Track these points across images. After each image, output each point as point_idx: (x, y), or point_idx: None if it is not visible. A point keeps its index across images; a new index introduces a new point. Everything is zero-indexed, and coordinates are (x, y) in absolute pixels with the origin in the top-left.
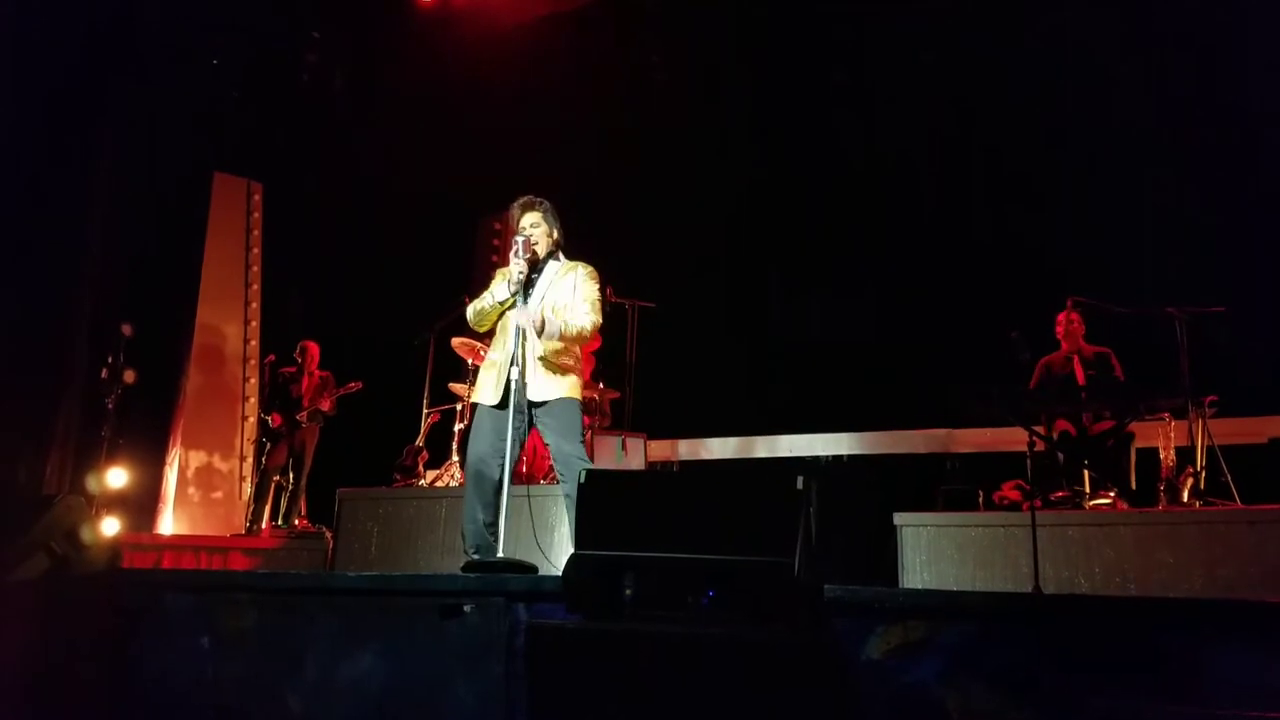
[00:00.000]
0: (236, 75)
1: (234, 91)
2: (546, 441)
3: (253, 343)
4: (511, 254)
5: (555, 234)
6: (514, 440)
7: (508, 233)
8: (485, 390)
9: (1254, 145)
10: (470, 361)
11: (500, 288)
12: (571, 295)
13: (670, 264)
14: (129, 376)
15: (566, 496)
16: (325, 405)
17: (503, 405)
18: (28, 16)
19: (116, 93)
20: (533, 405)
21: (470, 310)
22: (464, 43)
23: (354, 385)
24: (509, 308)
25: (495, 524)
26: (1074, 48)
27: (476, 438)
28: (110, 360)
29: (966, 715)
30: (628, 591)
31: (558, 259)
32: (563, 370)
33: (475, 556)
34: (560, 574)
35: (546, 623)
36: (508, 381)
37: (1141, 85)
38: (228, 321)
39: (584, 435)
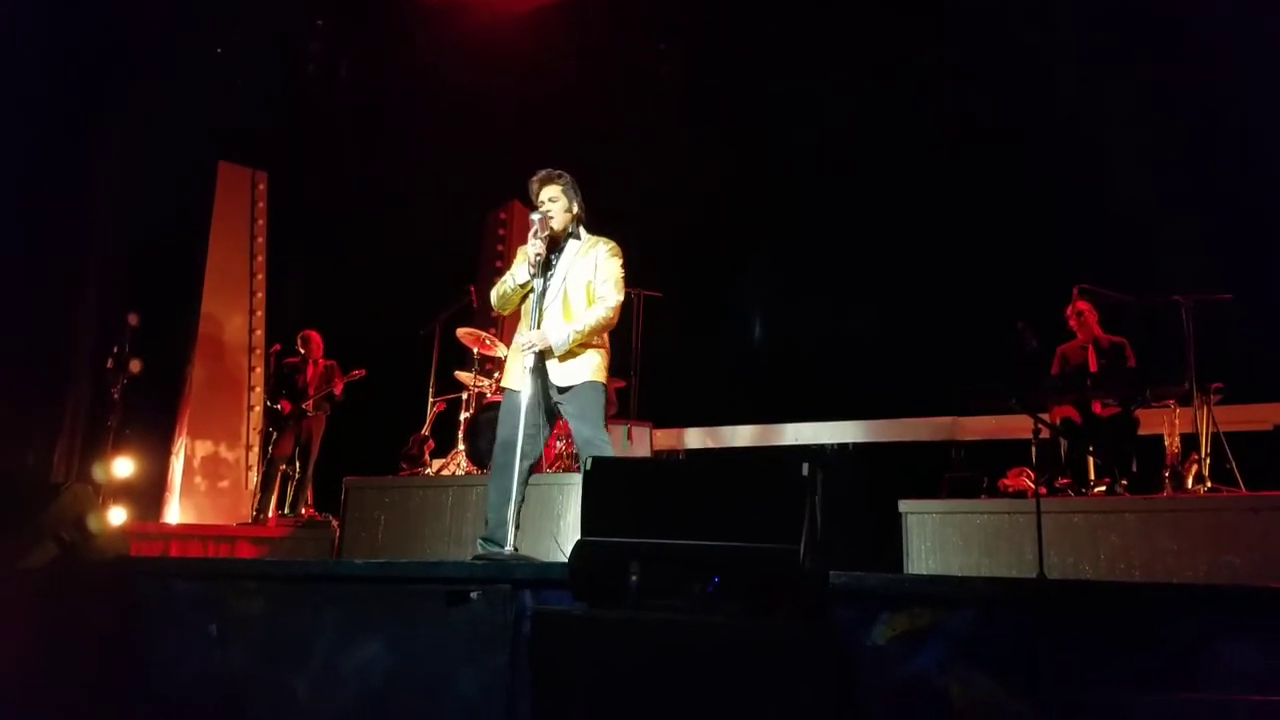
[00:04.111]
0: (240, 64)
1: (238, 80)
2: (570, 426)
3: (258, 332)
4: (530, 233)
5: (575, 209)
6: (538, 424)
7: (513, 223)
8: (512, 374)
9: (1260, 132)
10: (476, 351)
11: (520, 269)
12: (594, 274)
13: (676, 253)
14: (135, 366)
15: None
16: (337, 389)
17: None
18: (30, 9)
19: (120, 83)
20: (558, 390)
21: (493, 295)
22: (468, 33)
23: (358, 372)
24: (530, 290)
25: (515, 511)
26: (1075, 36)
27: (503, 423)
28: (116, 350)
29: (971, 701)
30: (633, 579)
31: (578, 236)
32: (585, 353)
33: (491, 546)
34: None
35: (552, 609)
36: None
37: (1147, 73)
38: (233, 311)
39: (607, 418)
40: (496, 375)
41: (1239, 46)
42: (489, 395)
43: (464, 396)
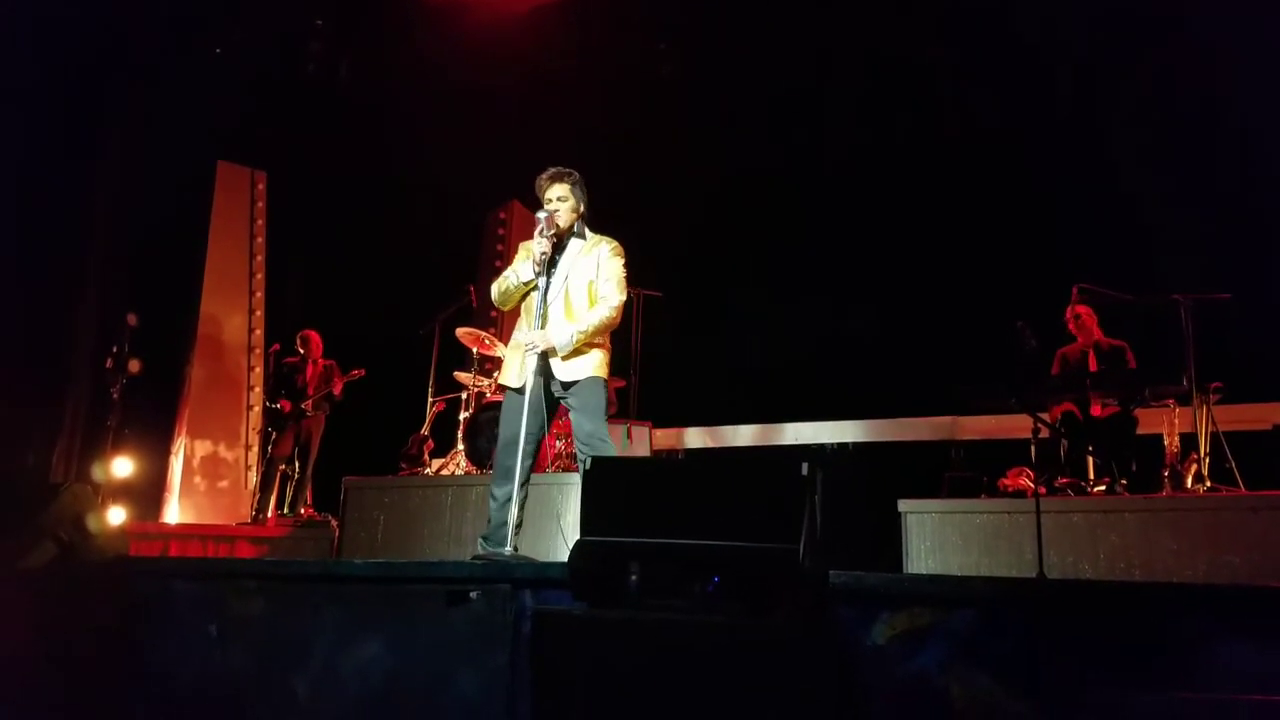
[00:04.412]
0: (240, 64)
1: (238, 80)
2: (572, 421)
3: (257, 332)
4: (536, 231)
5: (581, 208)
6: (540, 423)
7: (513, 223)
8: (511, 373)
9: (1260, 132)
10: (475, 351)
11: (524, 266)
12: (596, 273)
13: (676, 253)
14: (134, 366)
15: None
16: (336, 389)
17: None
18: (30, 9)
19: (120, 83)
20: (561, 385)
21: (494, 290)
22: (468, 33)
23: (357, 372)
24: (533, 287)
25: (517, 509)
26: (1075, 36)
27: (504, 422)
28: (115, 350)
29: (971, 701)
30: (633, 579)
31: (582, 235)
32: (589, 349)
33: (492, 546)
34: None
35: (552, 609)
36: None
37: (1147, 73)
38: (232, 311)
39: (608, 415)
40: (496, 375)
41: (1239, 46)
42: (488, 395)
43: (463, 396)
